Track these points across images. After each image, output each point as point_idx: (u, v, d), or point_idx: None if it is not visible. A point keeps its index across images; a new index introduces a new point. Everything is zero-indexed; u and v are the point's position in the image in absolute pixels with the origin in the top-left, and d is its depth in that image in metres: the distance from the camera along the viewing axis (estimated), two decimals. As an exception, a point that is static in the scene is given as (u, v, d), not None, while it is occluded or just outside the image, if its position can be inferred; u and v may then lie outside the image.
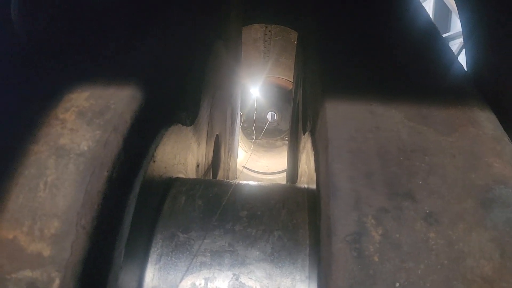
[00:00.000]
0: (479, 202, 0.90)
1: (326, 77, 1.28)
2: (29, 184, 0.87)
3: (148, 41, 1.32)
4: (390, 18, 1.64)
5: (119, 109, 1.02)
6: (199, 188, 1.35)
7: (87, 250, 0.83)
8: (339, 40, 1.47)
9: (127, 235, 0.99)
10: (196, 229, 1.19)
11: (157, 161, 1.20)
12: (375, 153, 1.00)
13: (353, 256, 0.83)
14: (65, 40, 1.31)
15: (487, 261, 0.81)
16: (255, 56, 5.47)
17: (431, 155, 1.00)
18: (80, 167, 0.90)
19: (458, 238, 0.84)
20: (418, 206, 0.89)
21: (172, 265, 1.13)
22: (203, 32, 1.95)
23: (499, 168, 0.97)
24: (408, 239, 0.85)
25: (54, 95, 1.06)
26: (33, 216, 0.83)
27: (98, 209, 0.87)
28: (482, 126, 1.08)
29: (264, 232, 1.17)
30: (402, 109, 1.13)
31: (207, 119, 2.13)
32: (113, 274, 0.95)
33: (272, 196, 1.33)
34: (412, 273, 0.80)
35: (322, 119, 1.15)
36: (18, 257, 0.79)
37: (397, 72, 1.29)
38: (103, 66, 1.19)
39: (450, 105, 1.15)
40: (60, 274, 0.78)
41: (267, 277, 1.10)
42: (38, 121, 0.99)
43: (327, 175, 0.99)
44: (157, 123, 1.24)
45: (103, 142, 0.94)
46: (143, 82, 1.12)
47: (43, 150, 0.93)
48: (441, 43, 1.46)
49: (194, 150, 1.81)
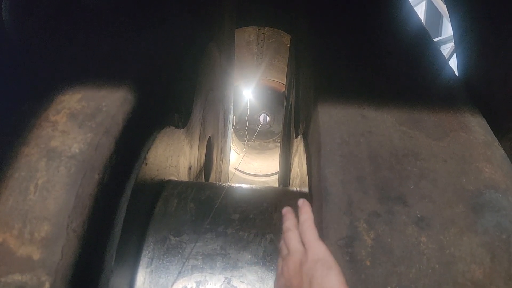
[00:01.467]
0: (470, 206, 0.91)
1: (318, 80, 1.28)
2: (19, 186, 0.86)
3: (141, 43, 1.32)
4: (382, 22, 1.65)
5: (111, 112, 1.01)
6: (191, 191, 1.34)
7: (78, 253, 0.83)
8: (331, 44, 1.47)
9: (118, 239, 0.98)
10: (188, 232, 1.18)
11: (149, 164, 1.20)
12: (367, 157, 1.01)
13: (345, 260, 0.83)
14: (56, 42, 1.30)
15: (478, 266, 0.82)
16: (248, 59, 5.47)
17: (423, 159, 1.01)
18: (71, 170, 0.89)
19: (449, 243, 0.85)
20: (410, 211, 0.90)
21: (163, 268, 1.13)
22: (197, 34, 1.95)
23: (489, 173, 0.98)
24: (400, 243, 0.85)
25: (45, 97, 1.05)
26: (23, 219, 0.82)
27: (89, 213, 0.87)
28: (473, 131, 1.09)
29: (256, 235, 1.17)
30: (394, 114, 1.14)
31: (200, 121, 2.13)
32: (104, 278, 0.94)
33: (264, 199, 1.33)
34: (403, 277, 0.81)
35: (314, 123, 1.15)
36: (8, 261, 0.78)
37: (389, 76, 1.30)
38: (95, 68, 1.18)
39: (441, 110, 1.16)
40: (50, 278, 0.78)
41: (259, 280, 1.10)
42: (29, 123, 0.98)
43: (319, 179, 0.99)
44: (150, 126, 1.23)
45: (94, 144, 0.93)
46: (136, 85, 1.11)
47: (34, 153, 0.92)
48: (432, 47, 1.47)
49: (187, 153, 1.80)
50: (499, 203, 0.91)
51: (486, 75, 1.47)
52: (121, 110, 1.03)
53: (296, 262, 0.77)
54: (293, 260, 0.77)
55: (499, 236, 0.86)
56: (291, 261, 0.78)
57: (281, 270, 0.81)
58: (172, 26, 1.52)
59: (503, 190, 0.94)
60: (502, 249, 0.84)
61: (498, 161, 1.01)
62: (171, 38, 1.48)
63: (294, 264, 0.77)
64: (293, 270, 0.76)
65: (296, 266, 0.76)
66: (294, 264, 0.77)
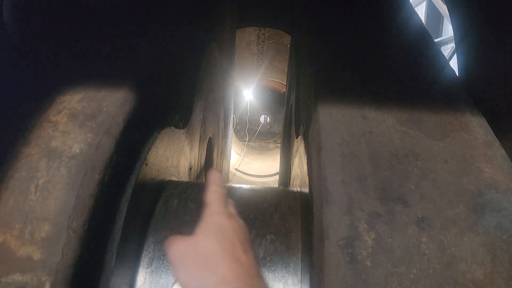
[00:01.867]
0: (471, 207, 0.91)
1: (319, 81, 1.28)
2: (20, 187, 0.87)
3: (142, 43, 1.32)
4: (383, 22, 1.65)
5: (111, 112, 1.01)
6: (191, 191, 1.34)
7: (78, 253, 0.82)
8: (332, 44, 1.47)
9: (118, 239, 0.98)
10: (189, 232, 1.18)
11: (150, 164, 1.20)
12: (367, 157, 1.01)
13: (346, 260, 0.83)
14: (58, 41, 1.30)
15: (478, 266, 0.82)
16: (249, 59, 5.47)
17: (423, 159, 1.01)
18: (72, 170, 0.89)
19: (450, 243, 0.85)
20: (410, 211, 0.90)
21: (164, 269, 1.12)
22: (197, 35, 1.95)
23: (490, 173, 0.97)
24: (400, 243, 0.85)
25: (46, 97, 1.05)
26: (23, 219, 0.82)
27: (89, 213, 0.86)
28: (473, 131, 1.09)
29: (257, 236, 1.17)
30: (395, 114, 1.14)
31: (200, 122, 2.13)
32: (105, 278, 0.94)
33: (264, 199, 1.32)
34: (404, 278, 0.81)
35: (315, 123, 1.15)
36: (8, 261, 0.78)
37: (389, 77, 1.30)
38: (96, 68, 1.18)
39: (442, 110, 1.16)
40: (50, 278, 0.78)
41: (260, 281, 1.10)
42: (29, 123, 0.98)
43: (319, 179, 0.99)
44: (150, 126, 1.23)
45: (95, 145, 0.93)
46: (136, 85, 1.11)
47: (35, 153, 0.92)
48: (433, 48, 1.47)
49: (187, 153, 1.80)
50: (500, 203, 0.91)
51: (487, 75, 1.47)
52: (122, 110, 1.03)
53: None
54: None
55: (500, 236, 0.86)
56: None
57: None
58: (173, 27, 1.52)
59: (504, 190, 0.94)
60: (503, 249, 0.84)
61: (499, 161, 1.01)
62: (171, 38, 1.49)
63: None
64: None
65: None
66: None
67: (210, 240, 0.71)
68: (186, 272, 0.68)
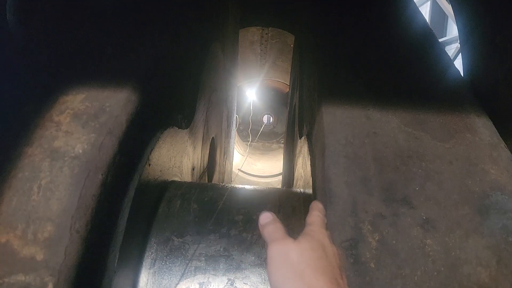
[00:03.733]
0: (476, 208, 0.90)
1: (323, 81, 1.27)
2: (22, 187, 0.86)
3: (145, 43, 1.31)
4: (387, 22, 1.65)
5: (114, 112, 1.01)
6: (194, 191, 1.34)
7: (81, 254, 0.82)
8: (336, 44, 1.47)
9: (121, 239, 0.98)
10: (191, 233, 1.18)
11: (153, 165, 1.19)
12: (372, 158, 1.00)
13: (350, 262, 0.82)
14: (61, 41, 1.30)
15: (483, 268, 0.81)
16: (252, 59, 5.47)
17: (428, 161, 1.00)
18: (75, 170, 0.89)
19: (455, 245, 0.84)
20: (415, 212, 0.89)
21: (166, 270, 1.12)
22: (201, 34, 1.94)
23: (495, 174, 0.97)
24: (405, 245, 0.84)
25: (48, 97, 1.05)
26: (26, 220, 0.82)
27: (92, 213, 0.86)
28: (478, 132, 1.08)
29: (260, 236, 1.16)
30: (399, 115, 1.13)
31: (203, 122, 2.13)
32: (107, 279, 0.94)
33: (268, 200, 1.32)
34: (408, 280, 0.80)
35: (318, 124, 1.15)
36: (11, 261, 0.78)
37: (393, 77, 1.29)
38: (99, 68, 1.18)
39: (447, 111, 1.15)
40: (53, 278, 0.77)
41: (262, 282, 1.10)
42: (32, 123, 0.98)
43: (323, 180, 0.98)
44: (153, 126, 1.23)
45: (98, 145, 0.93)
46: (139, 85, 1.11)
47: (37, 153, 0.91)
48: (437, 48, 1.46)
49: (190, 153, 1.80)
50: (505, 205, 0.90)
51: (492, 76, 1.45)
52: (125, 110, 1.03)
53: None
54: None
55: (505, 238, 0.85)
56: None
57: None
58: (176, 26, 1.52)
59: (509, 192, 0.93)
60: (509, 251, 0.83)
61: (504, 162, 1.00)
62: (175, 38, 1.48)
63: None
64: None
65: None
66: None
67: (316, 252, 0.70)
68: (282, 276, 0.67)
